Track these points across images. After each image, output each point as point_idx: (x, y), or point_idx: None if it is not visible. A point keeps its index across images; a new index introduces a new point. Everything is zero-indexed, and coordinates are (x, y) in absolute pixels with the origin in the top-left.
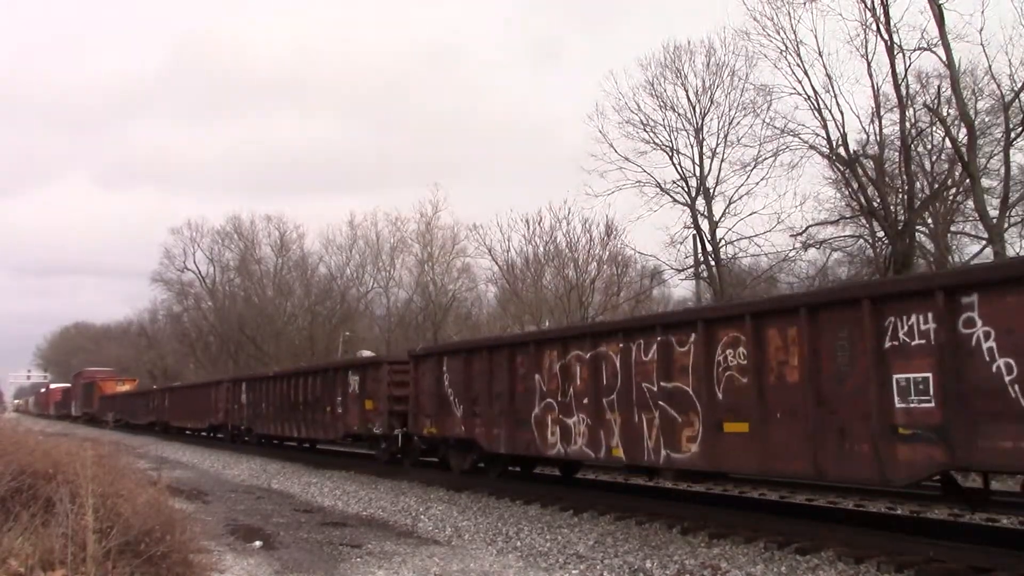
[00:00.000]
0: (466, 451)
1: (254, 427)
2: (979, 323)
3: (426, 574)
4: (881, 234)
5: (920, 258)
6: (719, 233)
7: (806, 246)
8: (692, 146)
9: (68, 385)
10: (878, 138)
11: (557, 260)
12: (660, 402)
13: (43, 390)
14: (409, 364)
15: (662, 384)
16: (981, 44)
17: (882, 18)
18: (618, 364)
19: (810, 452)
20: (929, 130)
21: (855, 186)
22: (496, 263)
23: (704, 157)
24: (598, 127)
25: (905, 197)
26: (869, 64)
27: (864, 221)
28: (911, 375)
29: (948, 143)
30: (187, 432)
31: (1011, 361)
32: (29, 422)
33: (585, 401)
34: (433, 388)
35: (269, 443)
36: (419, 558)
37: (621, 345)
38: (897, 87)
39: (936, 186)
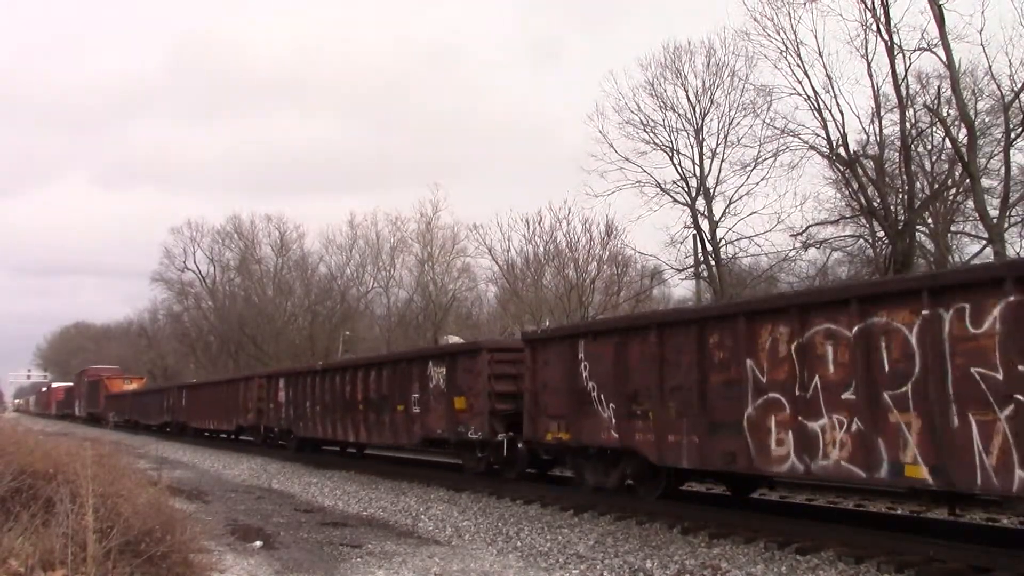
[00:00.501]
0: (612, 463)
1: (295, 430)
2: None
3: (426, 574)
4: (881, 234)
5: (920, 258)
6: (719, 233)
7: (806, 246)
8: (692, 146)
9: (71, 384)
10: (878, 138)
11: (557, 260)
12: (1018, 396)
13: (44, 389)
14: (524, 351)
15: (1021, 368)
16: (981, 44)
17: (882, 18)
18: (914, 340)
19: None
20: (929, 130)
21: (855, 186)
22: (496, 263)
23: (704, 157)
24: (598, 127)
25: (905, 197)
26: (869, 64)
27: (864, 221)
28: None
29: (948, 143)
30: (206, 434)
31: None
32: (29, 421)
33: (846, 396)
34: (563, 381)
35: (314, 448)
36: (419, 558)
37: (926, 312)
38: (897, 87)
39: (936, 186)
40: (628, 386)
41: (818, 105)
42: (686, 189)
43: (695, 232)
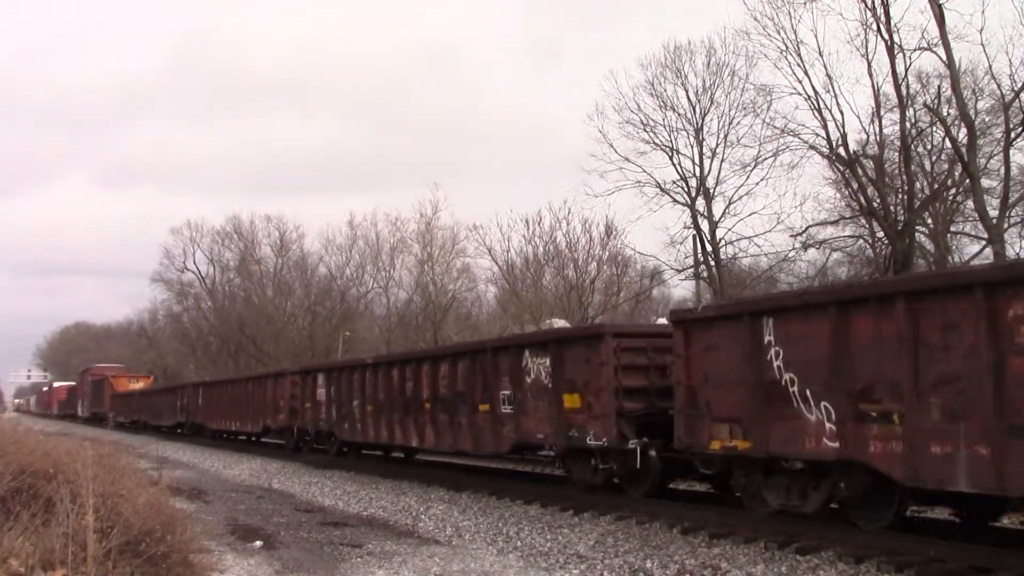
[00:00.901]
0: (814, 481)
1: (339, 432)
2: None
3: (426, 574)
4: (881, 234)
5: (920, 258)
6: (719, 233)
7: (806, 246)
8: (692, 146)
9: (73, 383)
10: (878, 138)
11: (557, 260)
12: None
13: (45, 389)
14: (673, 335)
15: None
16: (981, 44)
17: (882, 18)
18: None
19: None
20: (929, 130)
21: (855, 186)
22: (496, 263)
23: (704, 157)
24: (598, 127)
25: (905, 197)
26: (869, 64)
27: (864, 221)
28: None
29: (948, 143)
30: (224, 436)
31: None
32: (29, 422)
33: None
34: (738, 372)
35: (357, 454)
36: (419, 558)
37: None
38: (897, 87)
39: (936, 186)
40: (853, 378)
41: (818, 105)
42: (686, 189)
43: (695, 232)
